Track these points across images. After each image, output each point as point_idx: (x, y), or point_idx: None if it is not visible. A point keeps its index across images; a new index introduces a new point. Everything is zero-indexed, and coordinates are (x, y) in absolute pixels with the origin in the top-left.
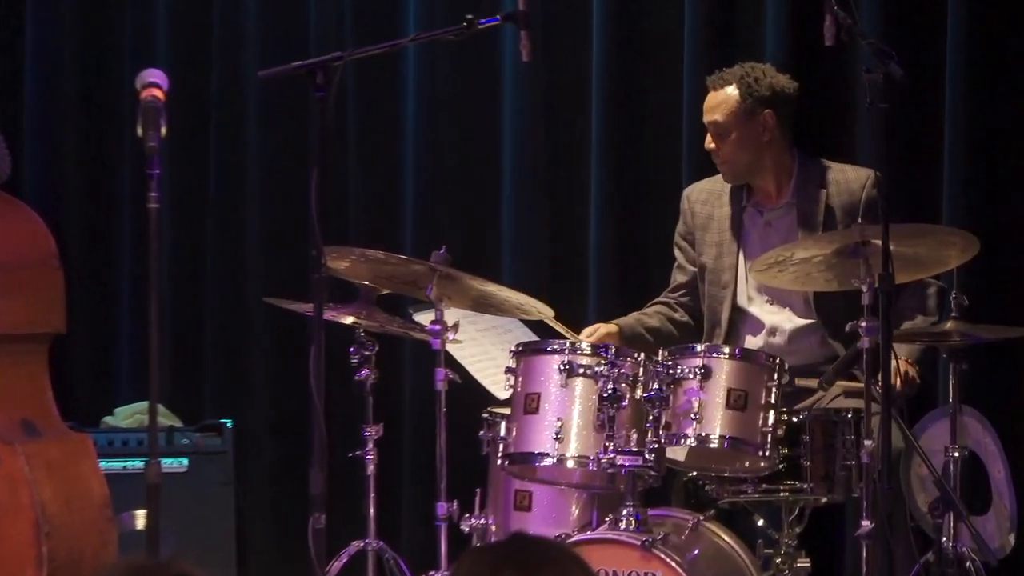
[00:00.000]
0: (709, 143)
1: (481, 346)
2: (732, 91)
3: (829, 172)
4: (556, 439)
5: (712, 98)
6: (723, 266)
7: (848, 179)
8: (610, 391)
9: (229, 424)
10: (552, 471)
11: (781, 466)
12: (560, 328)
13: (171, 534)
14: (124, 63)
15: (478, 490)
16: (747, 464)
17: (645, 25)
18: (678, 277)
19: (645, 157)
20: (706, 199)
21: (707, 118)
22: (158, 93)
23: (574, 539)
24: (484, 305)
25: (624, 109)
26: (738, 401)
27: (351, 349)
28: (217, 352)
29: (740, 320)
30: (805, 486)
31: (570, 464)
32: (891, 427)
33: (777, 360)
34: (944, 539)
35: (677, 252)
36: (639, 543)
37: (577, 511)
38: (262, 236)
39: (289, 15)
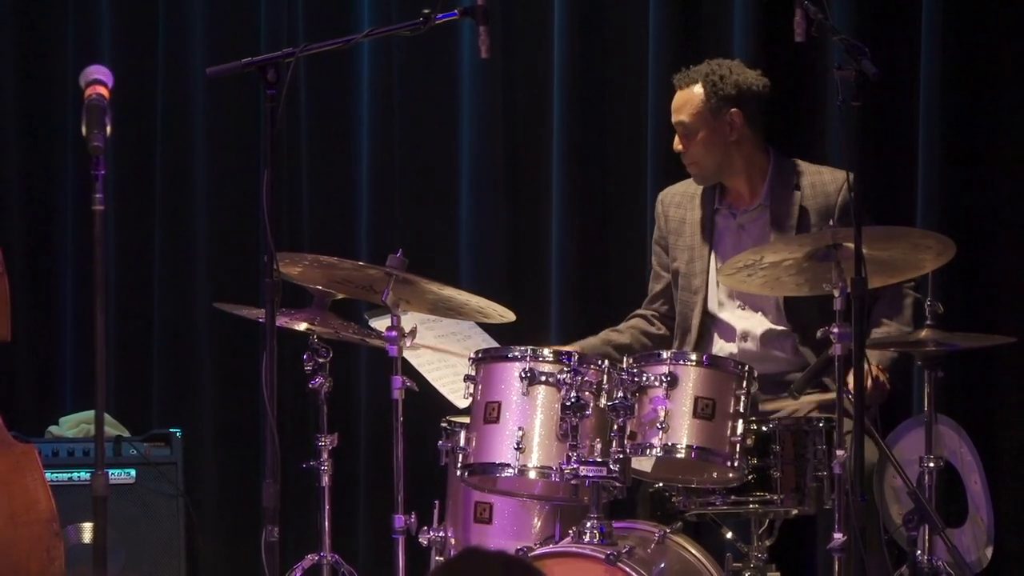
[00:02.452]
0: (677, 144)
1: (439, 353)
2: (697, 90)
3: (804, 174)
4: (517, 449)
5: (678, 98)
6: (694, 271)
7: (824, 181)
8: (573, 399)
9: (178, 433)
10: (513, 482)
11: (750, 477)
12: None
13: (118, 548)
14: (67, 59)
15: (436, 502)
16: (715, 475)
17: (609, 21)
18: (654, 286)
19: (608, 157)
20: (679, 202)
21: (674, 118)
22: (103, 91)
23: (536, 552)
24: (443, 309)
25: (587, 108)
26: (705, 410)
27: (304, 356)
28: (165, 359)
29: (711, 325)
30: (775, 498)
31: (532, 475)
32: (864, 437)
33: (746, 368)
34: (919, 552)
35: (653, 259)
36: (603, 556)
37: (539, 523)
38: (211, 240)
39: (238, 9)
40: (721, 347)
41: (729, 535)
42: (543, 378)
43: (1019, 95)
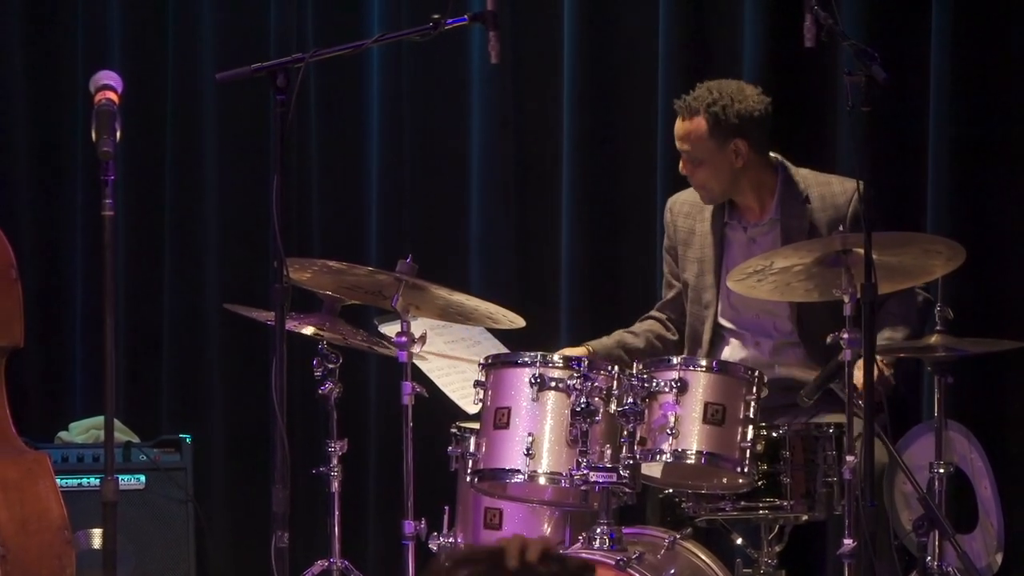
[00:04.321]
0: (682, 168)
1: (449, 359)
2: (700, 121)
3: (812, 187)
4: (527, 455)
5: (681, 127)
6: (704, 284)
7: (833, 193)
8: (583, 405)
9: (187, 439)
10: (523, 488)
11: (760, 483)
12: None
13: (128, 554)
14: (76, 64)
15: (446, 508)
16: (725, 480)
17: (618, 26)
18: (666, 293)
19: (617, 162)
20: (688, 212)
21: (678, 145)
22: (113, 96)
23: None
24: (452, 315)
25: (596, 111)
26: (715, 415)
27: (314, 362)
28: (175, 365)
29: (722, 338)
30: (785, 503)
31: (542, 481)
32: (874, 442)
33: (756, 373)
34: (929, 558)
35: (664, 266)
36: (613, 562)
37: (549, 529)
38: (221, 245)
39: (248, 15)
40: (734, 348)
41: (739, 541)
42: (553, 384)
43: None
